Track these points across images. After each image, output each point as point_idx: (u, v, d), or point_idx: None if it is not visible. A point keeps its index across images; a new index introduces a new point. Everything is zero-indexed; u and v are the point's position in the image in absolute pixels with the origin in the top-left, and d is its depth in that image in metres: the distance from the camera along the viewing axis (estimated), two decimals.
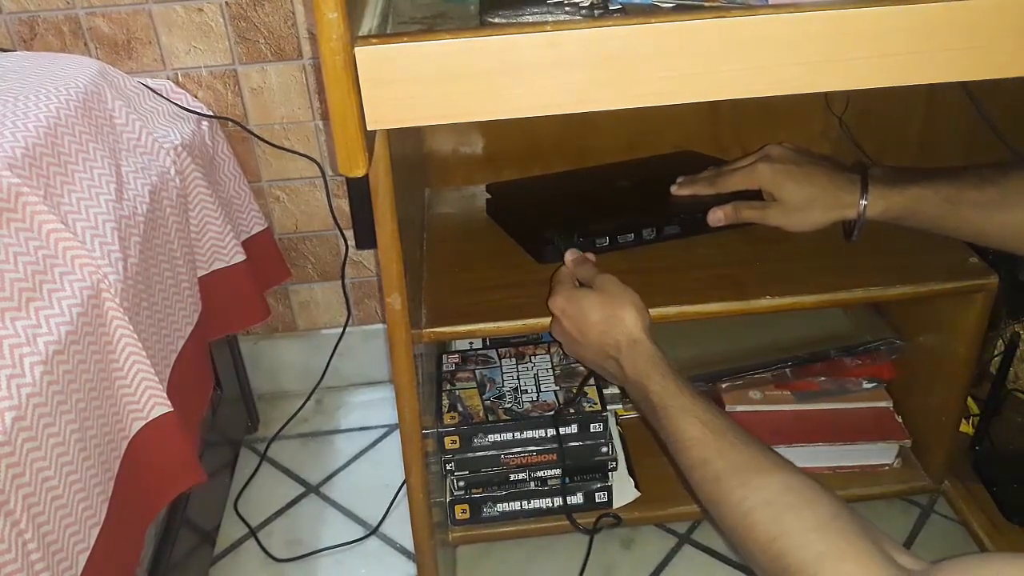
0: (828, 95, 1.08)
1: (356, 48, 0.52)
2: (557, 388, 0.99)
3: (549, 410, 0.96)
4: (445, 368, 1.03)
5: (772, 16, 0.53)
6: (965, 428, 1.05)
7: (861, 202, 0.75)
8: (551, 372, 1.01)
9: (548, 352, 1.05)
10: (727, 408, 1.02)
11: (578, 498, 0.99)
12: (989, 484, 1.01)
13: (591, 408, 0.96)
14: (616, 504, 1.00)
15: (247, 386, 1.25)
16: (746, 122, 1.11)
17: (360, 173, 0.56)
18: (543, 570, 1.01)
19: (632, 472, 1.02)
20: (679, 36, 0.53)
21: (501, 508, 0.99)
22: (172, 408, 0.74)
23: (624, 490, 1.01)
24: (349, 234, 1.21)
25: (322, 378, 1.26)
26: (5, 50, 1.01)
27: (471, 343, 1.08)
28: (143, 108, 0.94)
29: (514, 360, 1.04)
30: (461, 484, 0.98)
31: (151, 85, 0.99)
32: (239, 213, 1.05)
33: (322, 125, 1.14)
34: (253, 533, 1.09)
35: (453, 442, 0.95)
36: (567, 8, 0.59)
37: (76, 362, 0.65)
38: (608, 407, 0.99)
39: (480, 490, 0.98)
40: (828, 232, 0.84)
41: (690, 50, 0.54)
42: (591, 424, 0.95)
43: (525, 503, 0.99)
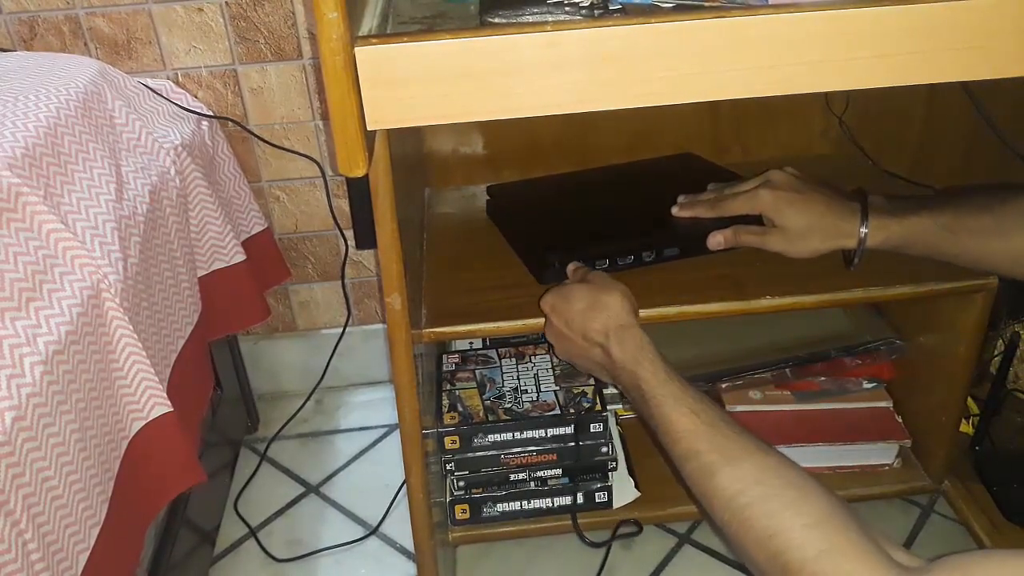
0: (828, 95, 1.08)
1: (356, 48, 0.52)
2: (557, 388, 0.99)
3: (549, 410, 0.96)
4: (445, 368, 1.03)
5: (772, 16, 0.53)
6: (965, 428, 1.05)
7: (861, 230, 0.76)
8: (551, 372, 1.01)
9: (548, 352, 1.05)
10: (727, 408, 1.02)
11: (578, 498, 0.99)
12: (989, 484, 1.01)
13: (591, 408, 0.96)
14: (616, 504, 1.00)
15: (247, 386, 1.25)
16: (746, 122, 1.11)
17: (360, 173, 0.56)
18: (543, 570, 1.01)
19: (632, 472, 1.02)
20: (679, 36, 0.53)
21: (501, 508, 0.99)
22: (172, 408, 0.74)
23: (624, 490, 1.01)
24: (349, 234, 1.21)
25: (322, 378, 1.26)
26: (5, 50, 1.01)
27: (471, 343, 1.08)
28: (143, 108, 0.94)
29: (514, 360, 1.04)
30: (461, 484, 0.98)
31: (151, 85, 0.99)
32: (239, 213, 1.05)
33: (322, 125, 1.14)
34: (253, 533, 1.09)
35: (453, 442, 0.95)
36: (567, 8, 0.59)
37: (76, 362, 0.65)
38: (608, 407, 0.99)
39: (480, 490, 0.98)
40: None
41: (690, 50, 0.54)
42: (591, 424, 0.95)
43: (525, 503, 0.99)
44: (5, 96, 0.79)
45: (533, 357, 1.04)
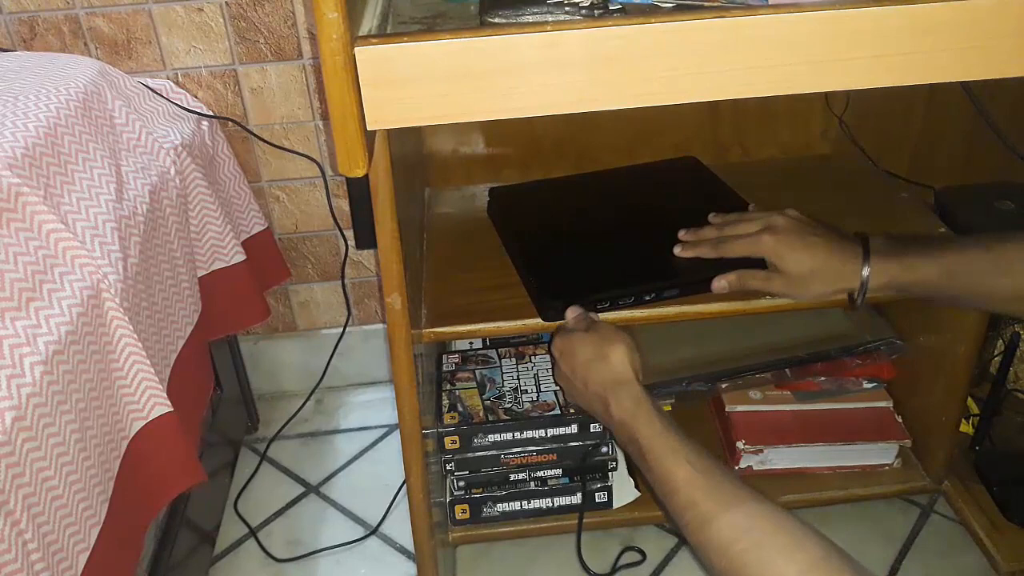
0: (828, 95, 1.08)
1: (356, 48, 0.52)
2: (557, 388, 0.99)
3: (549, 410, 0.96)
4: (445, 368, 1.03)
5: (772, 16, 0.53)
6: (965, 428, 1.05)
7: (863, 273, 0.77)
8: (551, 372, 1.01)
9: (548, 352, 1.05)
10: (727, 408, 1.02)
11: (578, 498, 0.99)
12: (989, 484, 1.01)
13: None
14: (616, 504, 1.00)
15: (247, 386, 1.25)
16: (746, 122, 1.11)
17: (360, 173, 0.56)
18: (543, 570, 1.01)
19: (632, 472, 1.02)
20: (679, 36, 0.53)
21: (501, 508, 0.99)
22: (172, 408, 0.74)
23: (624, 490, 1.01)
24: (349, 234, 1.21)
25: (322, 378, 1.26)
26: (5, 50, 1.01)
27: (471, 343, 1.08)
28: (143, 108, 0.94)
29: (514, 360, 1.04)
30: (461, 484, 0.98)
31: (151, 85, 0.99)
32: (239, 213, 1.05)
33: (322, 125, 1.14)
34: (253, 533, 1.09)
35: (453, 442, 0.95)
36: (567, 8, 0.59)
37: (76, 362, 0.65)
38: None
39: (480, 490, 0.98)
40: None
41: (690, 50, 0.54)
42: (591, 424, 0.95)
43: (525, 503, 0.99)
44: (5, 96, 0.79)
45: (533, 357, 1.04)
